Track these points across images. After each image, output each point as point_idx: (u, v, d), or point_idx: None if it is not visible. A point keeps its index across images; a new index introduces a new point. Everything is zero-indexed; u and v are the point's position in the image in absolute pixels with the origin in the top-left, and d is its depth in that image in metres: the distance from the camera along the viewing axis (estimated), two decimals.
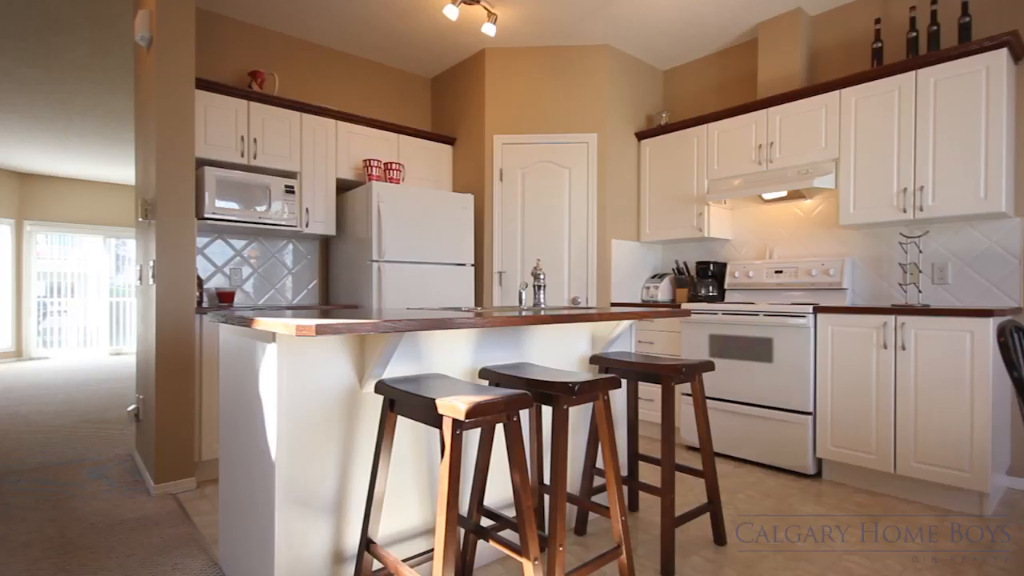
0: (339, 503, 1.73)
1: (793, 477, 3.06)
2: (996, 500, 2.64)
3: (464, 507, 2.02)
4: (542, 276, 2.55)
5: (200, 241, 3.56)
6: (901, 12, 3.29)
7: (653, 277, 4.28)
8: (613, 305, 4.05)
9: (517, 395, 1.49)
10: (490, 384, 1.96)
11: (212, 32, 3.68)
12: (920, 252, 3.17)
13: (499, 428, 2.12)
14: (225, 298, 3.46)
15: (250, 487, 1.76)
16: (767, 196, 3.62)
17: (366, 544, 1.65)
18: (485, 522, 2.10)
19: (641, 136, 4.30)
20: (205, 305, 3.44)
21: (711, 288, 3.94)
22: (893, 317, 2.75)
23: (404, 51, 4.29)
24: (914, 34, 3.07)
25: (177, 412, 2.80)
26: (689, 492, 2.84)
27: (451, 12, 3.36)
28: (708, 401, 3.46)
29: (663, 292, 4.16)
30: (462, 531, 1.98)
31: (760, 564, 2.09)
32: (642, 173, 4.32)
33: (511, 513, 2.20)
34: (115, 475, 3.03)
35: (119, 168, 8.04)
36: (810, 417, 3.01)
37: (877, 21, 3.25)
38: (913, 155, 2.95)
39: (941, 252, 3.11)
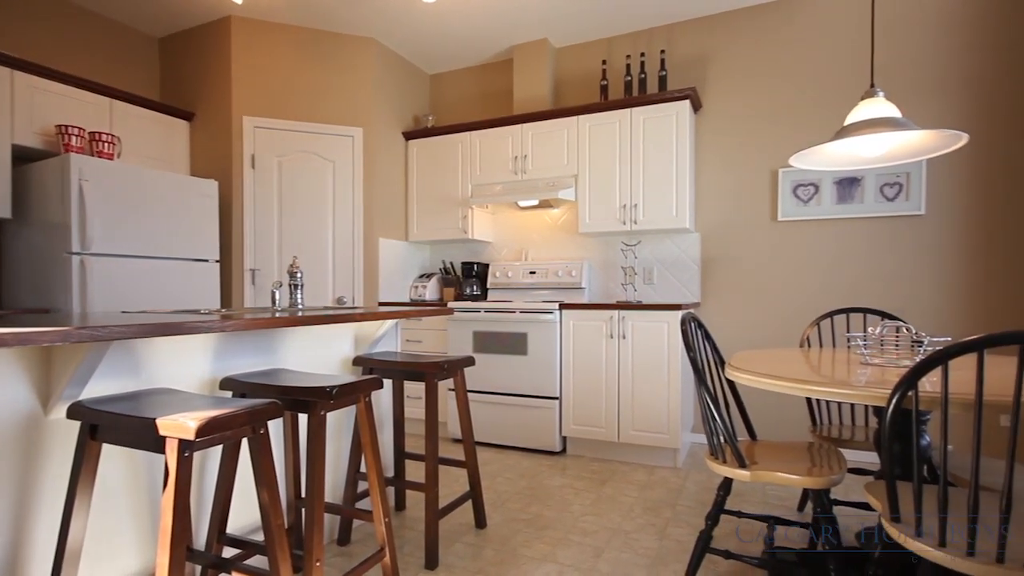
0: (13, 563, 1.32)
1: (545, 456, 3.43)
2: (685, 453, 3.36)
3: (202, 538, 1.73)
4: (299, 274, 2.35)
5: None
6: (620, 58, 3.96)
7: (421, 276, 4.34)
8: (381, 304, 3.98)
9: (263, 405, 1.34)
10: (234, 395, 1.72)
11: None
12: (636, 258, 3.86)
13: (245, 444, 1.89)
14: None
15: None
16: (522, 203, 3.98)
17: None
18: (229, 551, 1.85)
19: (409, 136, 4.31)
20: None
21: (475, 287, 4.17)
22: (617, 312, 3.29)
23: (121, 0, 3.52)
24: (629, 78, 3.72)
25: None
26: (455, 483, 2.95)
27: None
28: (473, 394, 3.65)
29: (431, 291, 4.24)
30: (198, 568, 1.70)
31: (514, 539, 2.27)
32: (410, 173, 4.34)
33: (262, 536, 1.97)
34: None
35: None
36: (557, 401, 3.41)
37: (604, 62, 3.86)
38: (630, 177, 3.57)
39: (649, 258, 3.83)
